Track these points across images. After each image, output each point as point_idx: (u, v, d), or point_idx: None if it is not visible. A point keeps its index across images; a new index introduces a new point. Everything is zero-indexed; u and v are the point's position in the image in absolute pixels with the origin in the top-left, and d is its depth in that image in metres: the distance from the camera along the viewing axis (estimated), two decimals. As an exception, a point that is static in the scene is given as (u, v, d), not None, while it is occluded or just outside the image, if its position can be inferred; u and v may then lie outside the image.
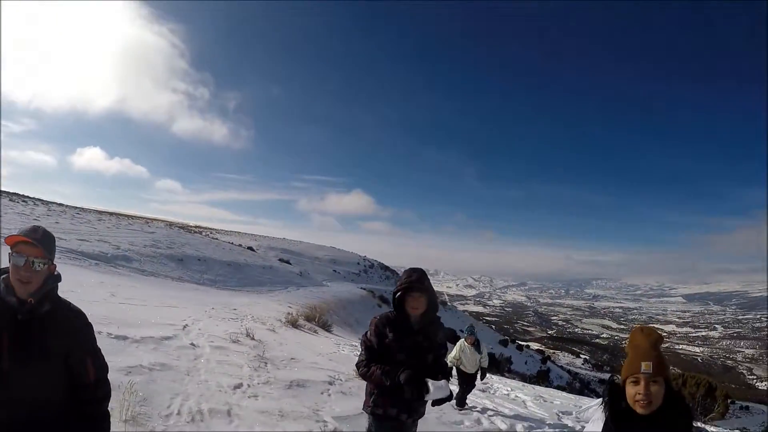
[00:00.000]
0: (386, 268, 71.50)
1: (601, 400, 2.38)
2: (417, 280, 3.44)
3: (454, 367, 8.85)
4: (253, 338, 10.41)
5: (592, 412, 2.45)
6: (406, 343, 3.47)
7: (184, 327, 10.01)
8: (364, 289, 38.31)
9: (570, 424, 8.02)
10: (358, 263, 62.20)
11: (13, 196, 33.34)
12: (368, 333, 3.61)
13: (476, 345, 8.89)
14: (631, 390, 2.09)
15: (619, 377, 2.27)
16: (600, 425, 2.24)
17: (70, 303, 2.52)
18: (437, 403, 3.40)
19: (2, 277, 2.34)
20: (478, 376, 9.14)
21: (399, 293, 3.46)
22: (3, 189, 36.98)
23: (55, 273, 2.46)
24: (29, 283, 2.28)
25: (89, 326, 2.55)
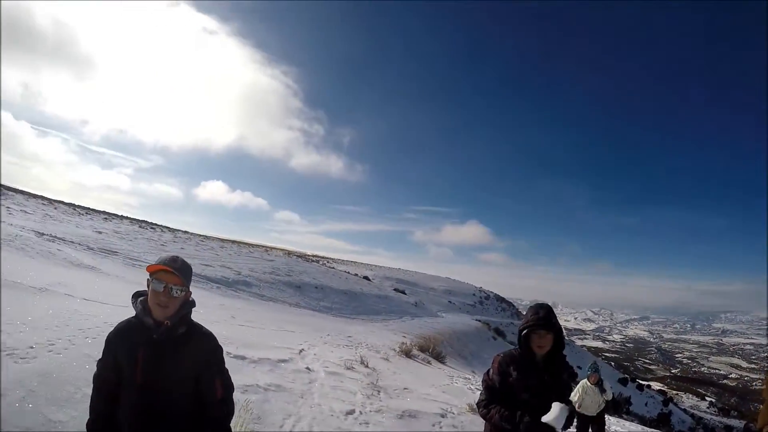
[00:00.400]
0: (502, 300, 69.78)
1: None
2: (544, 317, 3.25)
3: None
4: (367, 366, 10.38)
5: None
6: (531, 383, 3.27)
7: (300, 351, 10.17)
8: (480, 321, 37.48)
9: None
10: (474, 294, 61.12)
11: (143, 223, 36.00)
12: (490, 371, 3.45)
13: (600, 384, 8.23)
14: None
15: (755, 425, 1.94)
16: None
17: (202, 326, 2.69)
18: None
19: (140, 299, 2.54)
20: (605, 418, 8.55)
21: (525, 331, 3.28)
22: (135, 217, 40.16)
23: (190, 299, 2.64)
24: (167, 308, 2.46)
25: (219, 348, 2.70)
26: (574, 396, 8.05)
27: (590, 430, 8.36)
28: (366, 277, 43.24)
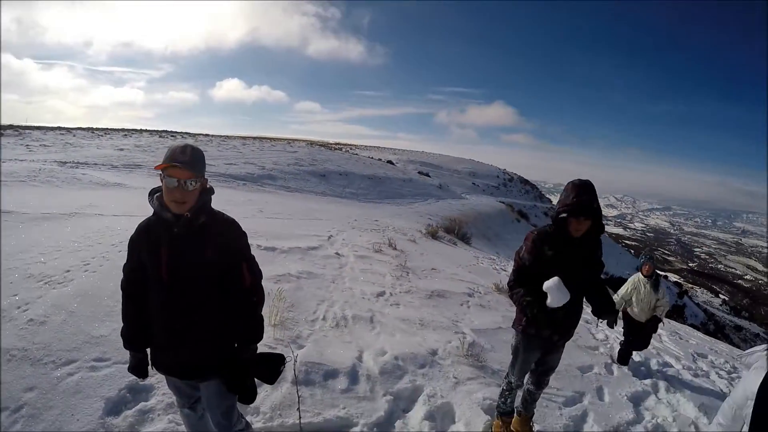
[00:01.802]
0: (526, 182, 69.39)
1: (766, 347, 2.08)
2: (586, 204, 2.96)
3: (620, 311, 6.63)
4: (394, 248, 10.62)
5: (756, 358, 2.14)
6: (566, 260, 3.13)
7: (329, 238, 10.41)
8: (503, 203, 37.66)
9: (704, 367, 7.35)
10: (497, 176, 60.87)
11: (163, 133, 35.87)
12: (522, 250, 3.29)
13: (654, 280, 6.45)
14: None
15: None
16: (761, 374, 1.96)
17: (223, 213, 2.61)
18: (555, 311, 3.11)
19: (156, 195, 2.46)
20: (659, 326, 6.67)
21: (563, 215, 3.03)
22: (154, 128, 39.99)
23: (208, 187, 2.54)
24: (184, 203, 2.36)
25: (243, 234, 2.63)
26: (622, 290, 6.62)
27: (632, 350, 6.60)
28: (390, 162, 43.24)
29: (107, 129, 35.19)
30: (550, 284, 3.03)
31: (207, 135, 40.65)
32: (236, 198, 14.77)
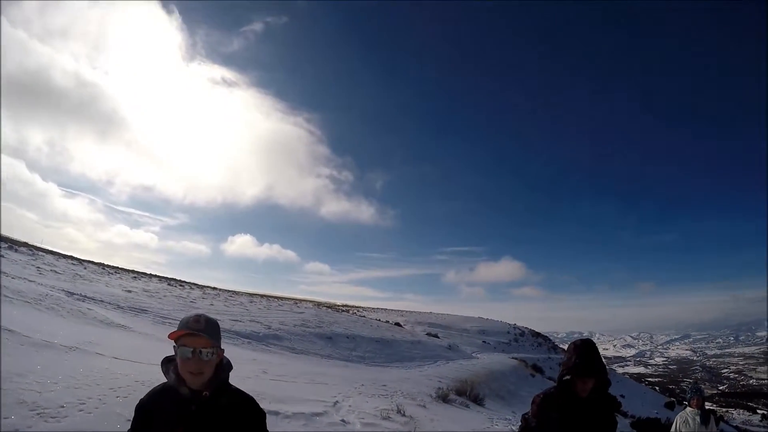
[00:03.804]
0: (538, 334, 68.42)
1: None
2: (587, 365, 3.01)
3: None
4: (404, 414, 10.14)
5: None
6: (572, 419, 3.06)
7: (335, 404, 9.97)
8: (516, 358, 36.71)
9: None
10: (508, 332, 60.04)
11: (171, 281, 36.22)
12: (528, 414, 3.28)
13: (704, 414, 6.29)
14: None
15: None
16: None
17: (242, 391, 2.48)
18: None
19: (171, 367, 2.34)
20: None
21: (567, 377, 3.08)
22: (163, 275, 40.52)
23: (225, 361, 2.45)
24: (201, 374, 2.26)
25: (263, 414, 2.51)
26: (672, 428, 6.43)
27: None
28: (397, 324, 42.87)
29: (118, 268, 35.61)
30: None
31: (215, 288, 40.78)
32: (240, 356, 14.37)
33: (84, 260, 32.20)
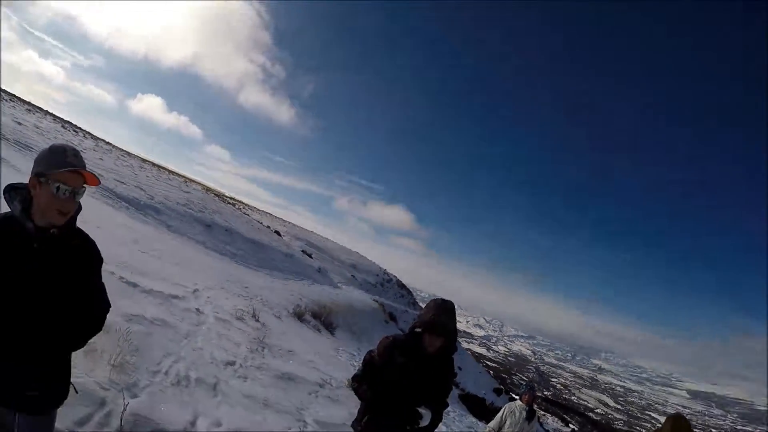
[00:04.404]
0: (403, 286, 70.58)
1: None
2: (442, 324, 3.20)
3: None
4: (257, 320, 10.33)
5: None
6: (413, 368, 3.26)
7: (195, 291, 9.97)
8: (377, 301, 37.85)
9: None
10: (377, 275, 61.47)
11: (66, 124, 34.14)
12: (374, 351, 3.46)
13: (530, 411, 6.65)
14: None
15: None
16: None
17: (85, 233, 2.39)
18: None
19: (17, 196, 2.19)
20: None
21: (419, 329, 3.26)
22: (60, 115, 38.10)
23: None
24: (67, 214, 2.18)
25: (101, 261, 2.43)
26: (496, 418, 6.76)
27: None
28: (277, 232, 42.78)
29: (14, 96, 33.15)
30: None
31: (109, 143, 38.84)
32: (114, 219, 13.90)
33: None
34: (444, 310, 3.26)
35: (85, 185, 2.21)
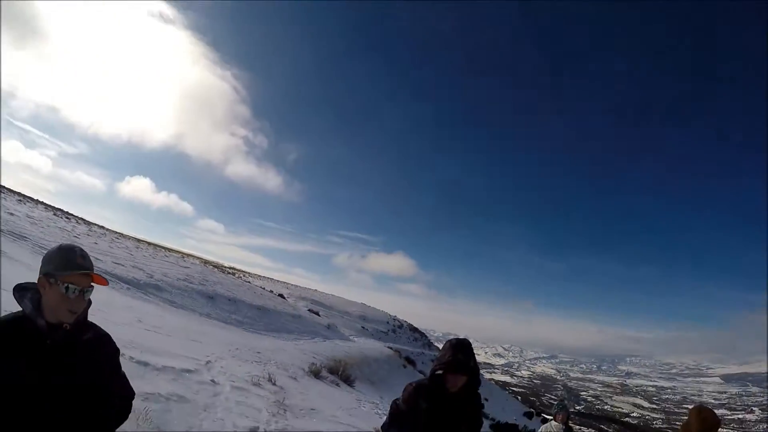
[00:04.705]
0: (415, 329, 70.30)
1: None
2: (462, 362, 3.18)
3: None
4: (274, 383, 10.17)
5: None
6: (441, 415, 3.22)
7: (207, 363, 9.83)
8: (391, 348, 37.58)
9: None
10: (387, 322, 61.24)
11: (58, 211, 34.23)
12: (399, 399, 3.41)
13: (567, 429, 6.60)
14: None
15: None
16: None
17: (99, 327, 2.44)
18: None
19: (27, 295, 2.23)
20: None
21: (440, 371, 3.20)
22: (51, 203, 38.21)
23: None
24: (77, 313, 2.24)
25: (118, 352, 2.48)
26: None
27: None
28: (281, 295, 42.62)
29: (3, 187, 33.29)
30: None
31: (102, 227, 38.90)
32: (116, 302, 13.77)
33: (-34, 174, 29.97)
34: (461, 347, 3.26)
35: (93, 284, 2.29)
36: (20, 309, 2.22)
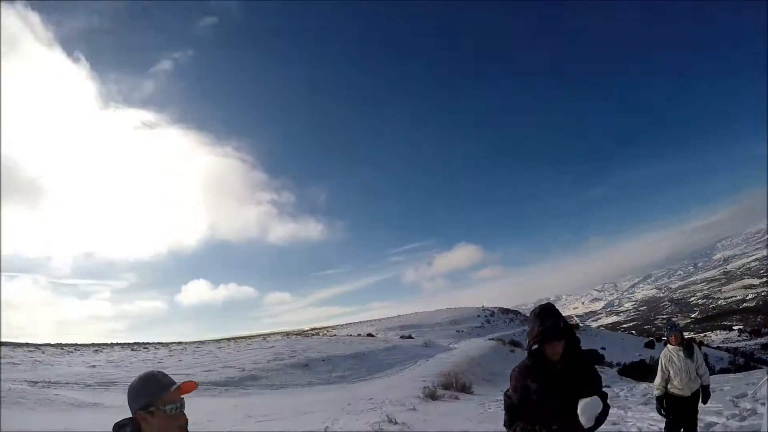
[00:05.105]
0: (507, 311, 69.60)
1: None
2: (551, 328, 2.98)
3: (662, 396, 6.06)
4: (395, 422, 10.06)
5: None
6: (553, 388, 3.02)
7: (325, 429, 9.78)
8: (492, 339, 37.16)
9: (749, 406, 6.98)
10: (478, 316, 60.74)
11: (135, 346, 35.46)
12: (509, 390, 3.22)
13: (687, 347, 5.94)
14: None
15: None
16: None
17: None
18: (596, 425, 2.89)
19: (128, 430, 2.22)
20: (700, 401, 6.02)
21: (535, 346, 3.03)
22: (125, 341, 39.62)
23: None
24: (184, 427, 2.27)
25: None
26: (658, 377, 6.09)
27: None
28: (370, 334, 42.83)
29: (77, 344, 34.92)
30: (581, 406, 2.89)
31: (180, 343, 40.02)
32: (220, 406, 13.97)
33: (40, 344, 31.23)
34: (546, 313, 3.07)
35: (182, 396, 2.29)
36: None
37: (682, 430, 5.98)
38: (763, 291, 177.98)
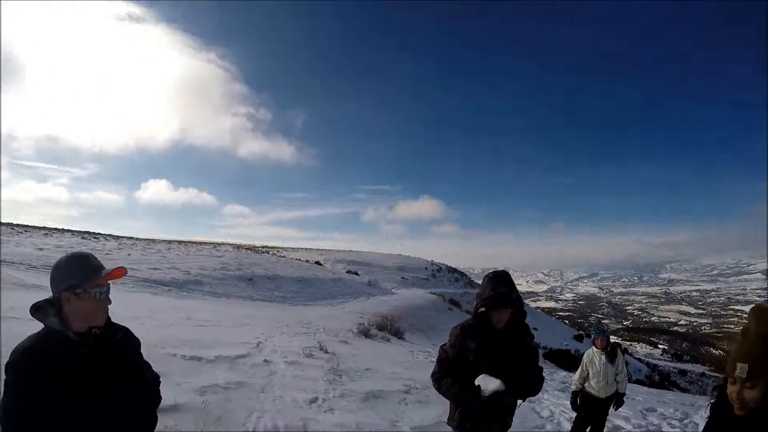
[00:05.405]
0: (454, 270, 70.65)
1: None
2: (503, 295, 3.05)
3: (578, 392, 6.33)
4: (326, 351, 10.34)
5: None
6: (492, 353, 3.13)
7: (258, 344, 10.02)
8: (434, 293, 37.82)
9: (655, 421, 7.51)
10: (426, 268, 61.54)
11: (85, 234, 35.07)
12: (446, 345, 3.33)
13: (610, 352, 6.16)
14: (728, 388, 1.94)
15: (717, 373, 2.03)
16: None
17: (121, 325, 2.44)
18: (492, 398, 2.96)
19: (50, 312, 2.20)
20: (612, 407, 6.28)
21: (483, 308, 3.11)
22: (77, 228, 39.12)
23: None
24: (107, 313, 2.27)
25: (139, 343, 2.50)
26: (578, 370, 6.35)
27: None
28: (318, 262, 43.12)
29: (28, 226, 34.29)
30: (480, 379, 3.02)
31: (131, 238, 39.82)
32: (162, 305, 14.10)
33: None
34: (501, 280, 3.12)
35: (109, 282, 2.27)
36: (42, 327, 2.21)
37: (590, 428, 6.28)
38: (696, 322, 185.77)
